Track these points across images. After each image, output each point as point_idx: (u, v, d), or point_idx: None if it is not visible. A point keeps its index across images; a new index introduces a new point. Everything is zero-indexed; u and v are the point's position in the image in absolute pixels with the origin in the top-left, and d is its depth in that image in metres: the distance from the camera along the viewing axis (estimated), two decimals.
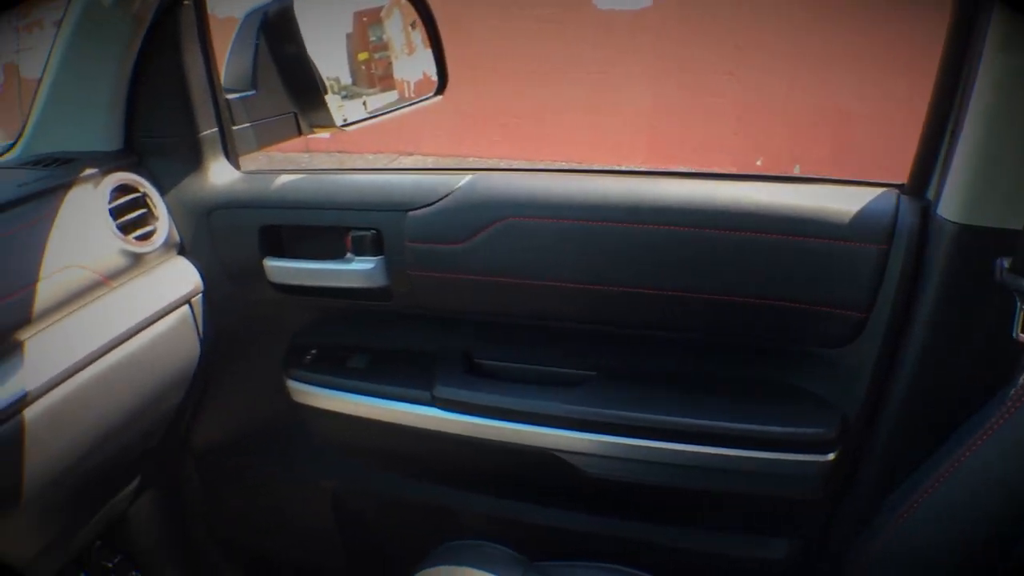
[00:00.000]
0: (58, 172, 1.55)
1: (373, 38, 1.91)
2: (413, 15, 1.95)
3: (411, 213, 1.51)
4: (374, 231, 1.55)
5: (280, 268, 1.64)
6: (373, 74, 1.90)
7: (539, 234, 1.45)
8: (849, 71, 6.40)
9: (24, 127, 1.82)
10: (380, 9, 1.96)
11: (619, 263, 1.42)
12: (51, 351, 1.36)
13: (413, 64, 1.99)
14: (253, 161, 1.80)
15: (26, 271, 1.37)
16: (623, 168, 6.79)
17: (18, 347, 1.32)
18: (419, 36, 1.99)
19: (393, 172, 1.69)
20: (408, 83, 1.99)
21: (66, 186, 1.50)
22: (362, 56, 1.88)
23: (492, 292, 1.50)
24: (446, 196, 1.50)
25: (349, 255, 1.58)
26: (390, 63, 1.95)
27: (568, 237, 1.43)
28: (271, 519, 2.04)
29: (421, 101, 2.00)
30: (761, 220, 1.36)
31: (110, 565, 2.20)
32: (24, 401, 1.30)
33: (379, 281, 1.57)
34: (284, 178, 1.66)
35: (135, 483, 1.85)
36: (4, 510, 1.34)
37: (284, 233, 1.66)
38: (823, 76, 6.57)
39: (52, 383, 1.34)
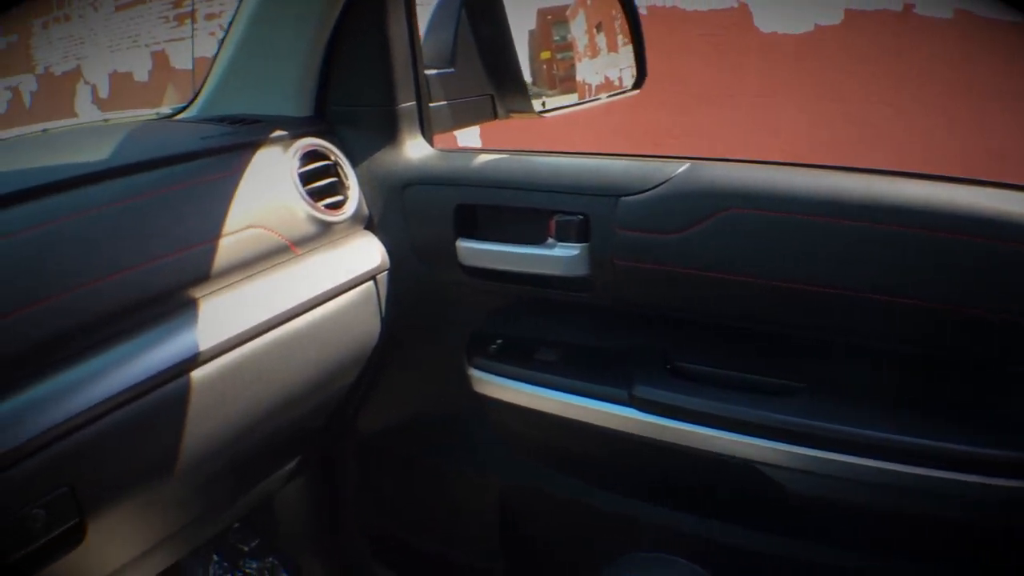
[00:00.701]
0: (245, 130, 1.51)
1: (557, 37, 1.86)
2: (598, 17, 1.89)
3: (624, 199, 1.42)
4: (581, 216, 1.46)
5: (474, 250, 1.57)
6: (554, 75, 1.84)
7: (762, 228, 1.35)
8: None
9: (200, 89, 1.80)
10: (566, 8, 1.90)
11: (849, 265, 1.31)
12: (227, 313, 1.33)
13: (595, 68, 1.92)
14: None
15: (206, 226, 1.34)
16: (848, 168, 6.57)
17: (192, 304, 1.30)
18: (603, 40, 1.92)
19: (601, 156, 1.61)
20: (590, 87, 1.92)
21: (254, 144, 1.48)
22: (544, 55, 1.83)
23: (703, 288, 1.41)
24: (663, 183, 1.41)
25: (551, 240, 1.49)
26: (572, 65, 1.88)
27: (794, 233, 1.33)
28: (430, 514, 1.96)
29: (620, 93, 1.93)
30: (1003, 228, 1.24)
31: (245, 548, 2.16)
32: (193, 362, 1.27)
33: (580, 270, 1.49)
34: (484, 157, 1.59)
35: (292, 464, 1.79)
36: (158, 478, 1.29)
37: (480, 214, 1.58)
38: (989, 113, 6.30)
39: (224, 347, 1.31)
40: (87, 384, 1.15)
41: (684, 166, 1.44)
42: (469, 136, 5.02)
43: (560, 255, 1.49)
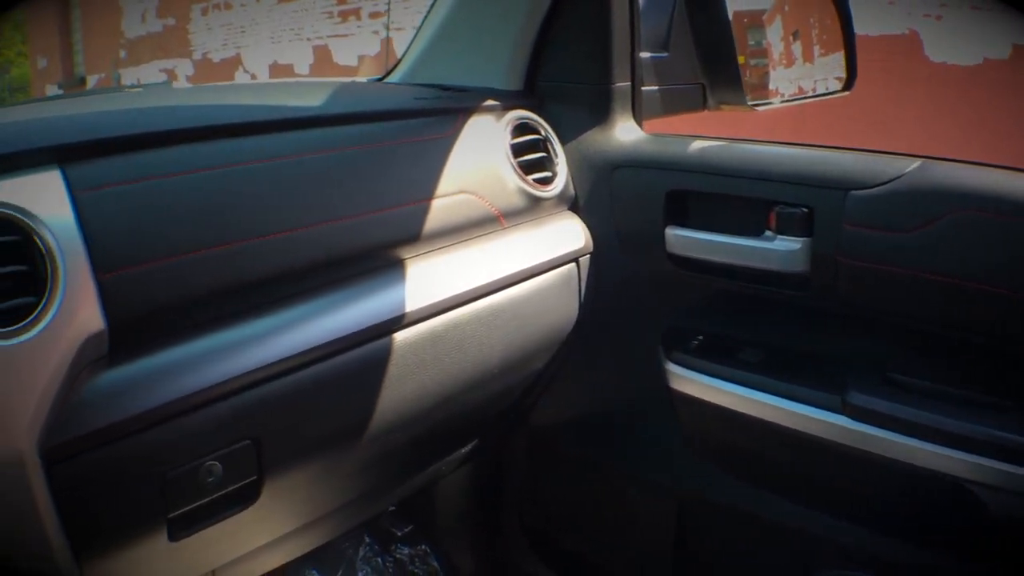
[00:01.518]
0: (457, 96, 1.48)
1: (752, 42, 1.77)
2: (796, 24, 1.81)
3: (854, 193, 1.32)
4: (805, 209, 1.36)
5: (684, 239, 1.49)
6: (747, 81, 1.76)
7: (996, 232, 1.24)
8: None
9: (400, 60, 1.78)
10: (763, 13, 1.81)
11: None
12: (434, 278, 1.28)
13: (789, 76, 1.83)
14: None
15: (419, 186, 1.30)
16: None
17: (399, 265, 1.26)
18: (799, 48, 1.84)
19: (825, 148, 1.53)
20: (782, 95, 1.83)
21: (468, 111, 1.43)
22: (739, 60, 1.75)
23: (928, 291, 1.30)
24: (896, 179, 1.31)
25: (769, 233, 1.40)
26: (766, 72, 1.80)
27: None
28: (598, 517, 1.89)
29: (830, 94, 1.85)
30: None
31: (398, 533, 2.12)
32: (397, 323, 1.23)
33: (798, 266, 1.39)
34: (699, 143, 1.51)
35: (466, 449, 1.74)
36: (342, 443, 1.25)
37: (692, 201, 1.50)
38: None
39: (429, 312, 1.26)
40: (283, 333, 1.11)
41: (915, 163, 1.34)
42: None
43: (779, 249, 1.40)
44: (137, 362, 0.99)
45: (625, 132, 1.57)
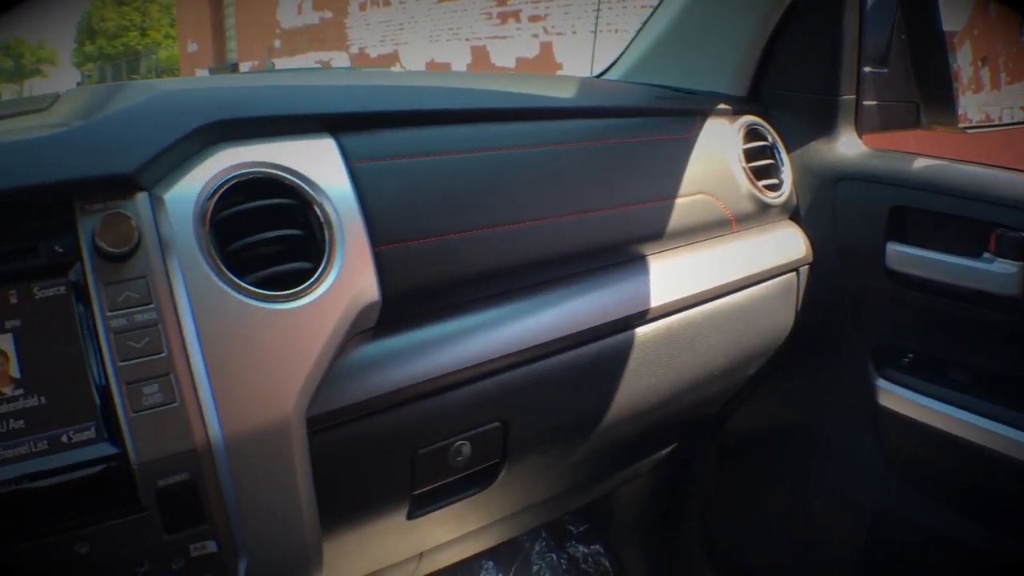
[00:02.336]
0: (692, 99, 1.49)
1: None
2: (985, 50, 1.77)
3: None
4: None
5: (905, 255, 1.47)
6: None
7: None
8: None
9: (618, 58, 1.80)
10: (953, 35, 1.78)
11: None
12: (673, 276, 1.29)
13: (976, 102, 1.80)
14: None
15: (662, 184, 1.31)
16: None
17: (641, 261, 1.27)
18: (987, 75, 1.80)
19: None
20: (969, 121, 1.79)
21: (704, 113, 1.43)
22: None
23: None
24: None
25: (988, 255, 1.39)
26: (956, 97, 1.77)
27: None
28: (781, 529, 1.88)
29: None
30: None
31: (574, 531, 2.14)
32: (639, 319, 1.23)
33: (1013, 290, 1.37)
34: (923, 160, 1.50)
35: (666, 451, 1.75)
36: (575, 433, 1.26)
37: (912, 218, 1.49)
38: None
39: (668, 309, 1.27)
40: (533, 320, 1.11)
41: None
42: None
43: (996, 271, 1.37)
44: (398, 337, 1.01)
45: (848, 145, 1.56)
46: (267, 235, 0.93)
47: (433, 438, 1.04)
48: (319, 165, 0.98)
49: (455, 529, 1.32)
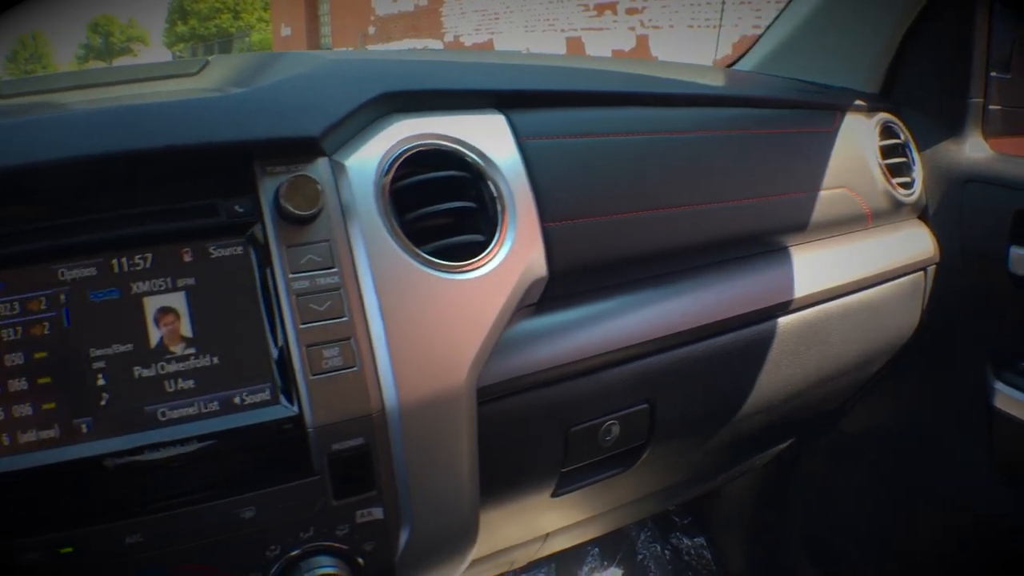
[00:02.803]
0: (831, 93, 1.49)
1: None
2: None
3: None
4: None
5: None
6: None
7: None
8: None
9: (749, 49, 1.81)
10: None
11: None
12: (813, 268, 1.30)
13: None
14: None
15: (805, 176, 1.31)
16: None
17: (784, 252, 1.27)
18: None
19: None
20: None
21: (844, 108, 1.44)
22: None
23: None
24: None
25: None
26: None
27: None
28: (890, 532, 1.86)
29: None
30: None
31: (679, 522, 2.15)
32: (781, 309, 1.24)
33: None
34: None
35: (783, 446, 1.75)
36: (712, 420, 1.27)
37: None
38: None
39: (807, 302, 1.28)
40: (684, 304, 1.13)
41: None
42: None
43: None
44: (556, 314, 1.02)
45: (975, 148, 1.55)
46: (445, 206, 0.94)
47: (586, 416, 1.05)
48: (491, 140, 0.99)
49: (585, 510, 1.34)
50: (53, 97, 1.05)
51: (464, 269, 0.91)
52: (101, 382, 0.77)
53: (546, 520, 1.29)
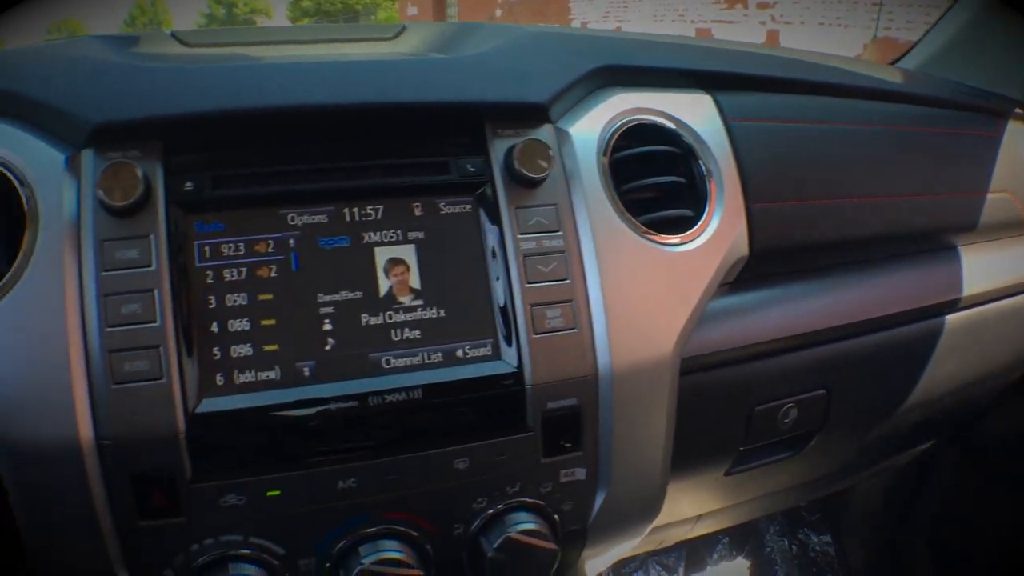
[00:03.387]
0: (996, 99, 1.48)
1: None
2: None
3: None
4: None
5: None
6: None
7: None
8: None
9: (911, 49, 1.79)
10: None
11: None
12: (979, 268, 1.30)
13: None
14: None
15: (968, 178, 1.31)
16: None
17: (952, 251, 1.28)
18: None
19: None
20: None
21: (1007, 115, 1.43)
22: None
23: None
24: None
25: None
26: None
27: None
28: (1019, 547, 1.84)
29: None
30: None
31: (807, 518, 2.16)
32: (947, 306, 1.26)
33: None
34: None
35: (924, 447, 1.74)
36: (872, 413, 1.28)
37: None
38: None
39: (972, 301, 1.29)
40: (863, 294, 1.16)
41: None
42: None
43: None
44: (749, 294, 1.05)
45: None
46: (661, 179, 0.99)
47: (768, 397, 1.09)
48: (701, 119, 1.03)
49: (742, 494, 1.37)
50: (252, 50, 1.07)
51: (678, 242, 0.95)
52: (327, 327, 0.80)
53: (710, 498, 1.31)
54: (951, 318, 1.28)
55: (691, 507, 1.30)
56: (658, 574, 2.01)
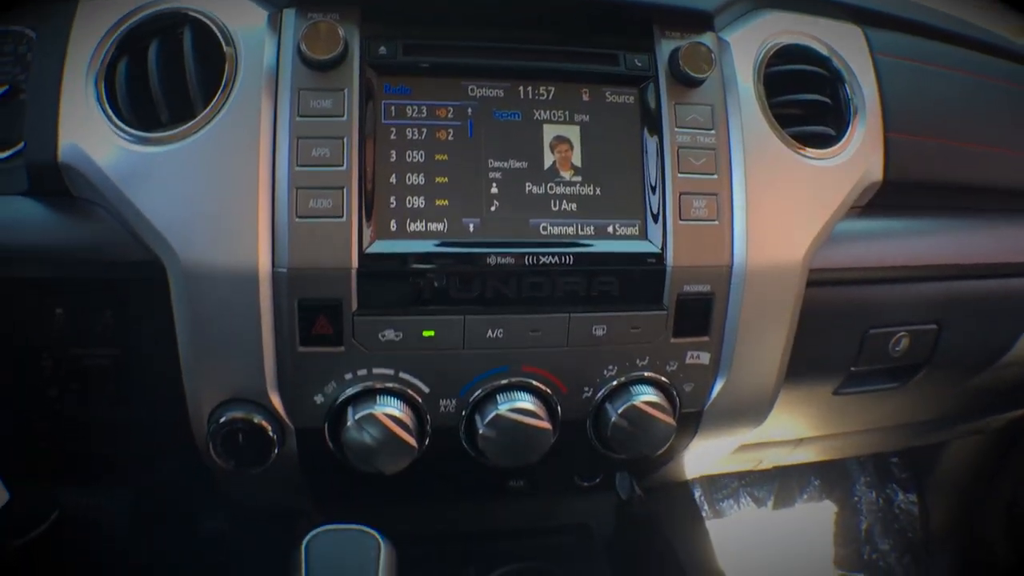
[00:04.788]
0: None
1: None
2: None
3: None
4: None
5: None
6: None
7: None
8: None
9: None
10: None
11: None
12: None
13: None
14: None
15: None
16: None
17: None
18: None
19: None
20: None
21: None
22: None
23: None
24: None
25: None
26: None
27: None
28: None
29: None
30: None
31: (897, 474, 2.16)
32: None
33: None
34: None
35: (1017, 413, 1.74)
36: (975, 363, 1.30)
37: None
38: None
39: None
40: (978, 239, 1.19)
41: None
42: None
43: None
44: (876, 221, 1.09)
45: None
46: (810, 97, 1.04)
47: (883, 322, 1.13)
48: (851, 48, 1.08)
49: (844, 423, 1.41)
50: None
51: (821, 157, 1.01)
52: (494, 190, 0.89)
53: (811, 420, 1.35)
54: None
55: (795, 427, 1.35)
56: (748, 503, 2.07)
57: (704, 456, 1.15)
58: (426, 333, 0.88)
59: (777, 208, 0.96)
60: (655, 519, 1.21)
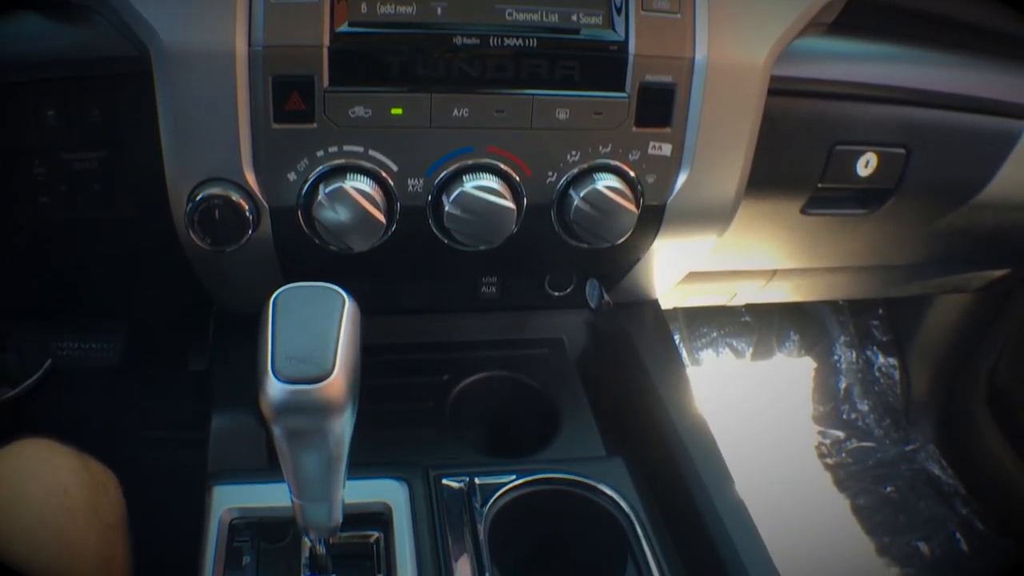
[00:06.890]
0: None
1: None
2: None
3: None
4: None
5: None
6: None
7: None
8: None
9: None
10: None
11: None
12: None
13: None
14: None
15: None
16: None
17: None
18: None
19: None
20: None
21: None
22: None
23: None
24: None
25: None
26: None
27: None
28: None
29: None
30: None
31: (877, 336, 2.17)
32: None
33: None
34: None
35: (996, 274, 1.76)
36: (947, 200, 1.30)
37: None
38: None
39: None
40: (950, 72, 1.21)
41: None
42: None
43: None
44: (843, 41, 1.12)
45: None
46: None
47: (850, 139, 1.15)
48: None
49: (815, 257, 1.44)
50: None
51: None
52: None
53: (782, 246, 1.38)
54: None
55: (766, 252, 1.38)
56: (727, 354, 2.12)
57: (671, 267, 1.18)
58: (394, 110, 0.91)
59: (741, 6, 0.99)
60: (627, 335, 1.24)
